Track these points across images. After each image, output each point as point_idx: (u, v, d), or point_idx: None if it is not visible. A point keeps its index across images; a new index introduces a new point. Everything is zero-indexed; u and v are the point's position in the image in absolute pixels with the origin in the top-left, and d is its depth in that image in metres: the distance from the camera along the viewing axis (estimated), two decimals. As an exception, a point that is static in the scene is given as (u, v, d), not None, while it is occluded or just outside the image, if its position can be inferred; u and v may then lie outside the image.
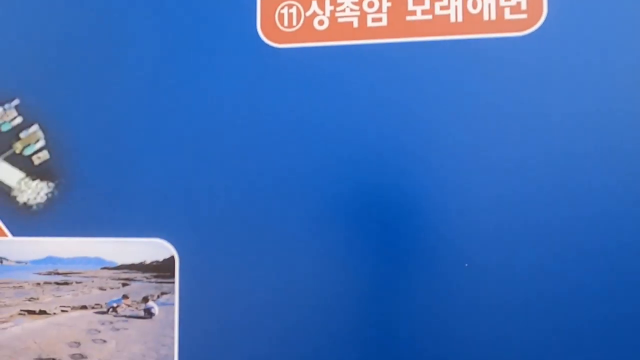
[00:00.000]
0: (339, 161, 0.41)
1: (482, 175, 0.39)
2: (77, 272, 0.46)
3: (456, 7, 0.40)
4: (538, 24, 0.39)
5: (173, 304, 0.43)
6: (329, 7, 0.42)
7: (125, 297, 0.45)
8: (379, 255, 0.40)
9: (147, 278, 0.44)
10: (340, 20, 0.42)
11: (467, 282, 0.39)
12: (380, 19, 0.41)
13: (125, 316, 0.45)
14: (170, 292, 0.43)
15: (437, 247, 0.39)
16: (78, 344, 0.45)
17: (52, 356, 0.45)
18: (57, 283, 0.46)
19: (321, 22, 0.42)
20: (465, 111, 0.39)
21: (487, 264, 0.38)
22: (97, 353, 0.44)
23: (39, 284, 0.46)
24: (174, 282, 0.43)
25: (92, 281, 0.45)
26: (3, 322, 0.46)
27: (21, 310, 0.46)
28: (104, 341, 0.44)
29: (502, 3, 0.39)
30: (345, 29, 0.41)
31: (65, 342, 0.45)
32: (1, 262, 0.46)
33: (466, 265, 0.39)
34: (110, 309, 0.45)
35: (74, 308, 0.45)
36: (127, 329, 0.44)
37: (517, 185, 0.38)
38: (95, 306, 0.45)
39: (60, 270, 0.46)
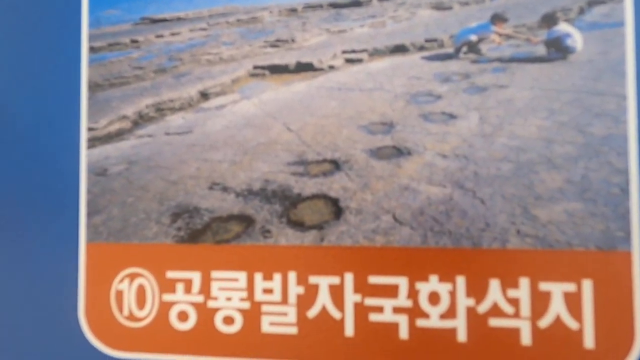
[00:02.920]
0: None
1: None
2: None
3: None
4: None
5: (621, 25, 0.25)
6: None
7: (498, 19, 0.26)
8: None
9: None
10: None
11: None
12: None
13: (499, 60, 0.26)
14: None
15: None
16: (388, 125, 0.27)
17: (326, 154, 0.28)
18: (334, 5, 0.26)
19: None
20: None
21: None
22: (433, 143, 0.26)
23: (282, 11, 0.27)
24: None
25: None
26: (217, 94, 0.30)
27: (255, 68, 0.29)
28: (451, 117, 0.26)
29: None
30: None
31: (359, 124, 0.27)
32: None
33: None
34: (464, 47, 0.25)
35: (375, 53, 0.28)
36: (504, 86, 0.26)
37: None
38: (427, 44, 0.26)
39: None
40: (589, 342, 0.26)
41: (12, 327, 0.33)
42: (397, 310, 0.28)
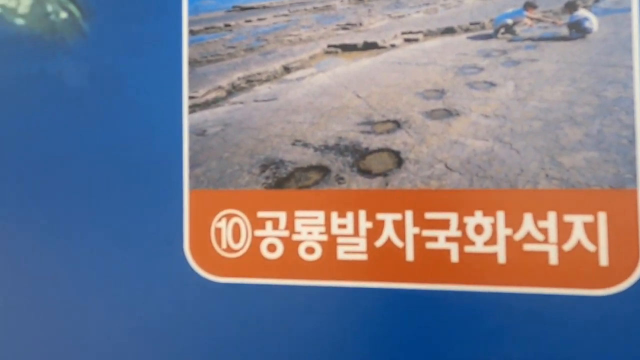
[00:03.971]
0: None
1: None
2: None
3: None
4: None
5: (628, 11, 0.29)
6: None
7: (529, 6, 0.30)
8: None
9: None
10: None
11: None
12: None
13: (530, 39, 0.30)
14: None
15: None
16: (440, 92, 0.31)
17: (389, 116, 0.31)
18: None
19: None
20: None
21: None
22: (477, 106, 0.30)
23: (351, 0, 0.30)
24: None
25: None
26: (298, 68, 0.33)
27: (329, 47, 0.34)
28: (492, 85, 0.30)
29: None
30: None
31: (416, 91, 0.31)
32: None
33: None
34: (502, 29, 0.29)
35: (429, 34, 0.32)
36: (535, 60, 0.30)
37: None
38: (471, 27, 0.30)
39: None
40: (603, 260, 0.33)
41: (129, 260, 0.40)
42: (449, 239, 0.35)
